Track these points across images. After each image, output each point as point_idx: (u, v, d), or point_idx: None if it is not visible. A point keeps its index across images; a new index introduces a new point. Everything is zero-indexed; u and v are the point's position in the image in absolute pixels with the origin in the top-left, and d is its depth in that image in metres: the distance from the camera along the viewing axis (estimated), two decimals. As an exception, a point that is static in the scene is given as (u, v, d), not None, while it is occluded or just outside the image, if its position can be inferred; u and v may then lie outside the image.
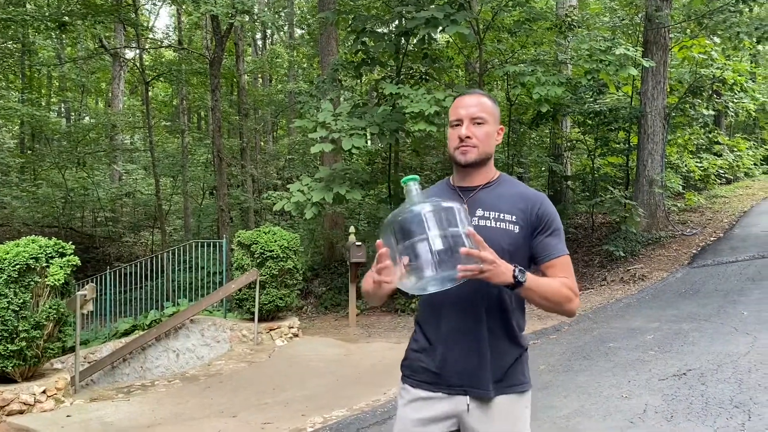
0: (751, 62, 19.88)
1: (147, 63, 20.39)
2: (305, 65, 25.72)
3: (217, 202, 15.67)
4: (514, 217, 1.83)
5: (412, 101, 9.74)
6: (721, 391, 4.54)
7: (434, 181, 17.25)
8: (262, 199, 17.06)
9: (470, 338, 1.80)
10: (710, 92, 12.85)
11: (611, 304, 8.66)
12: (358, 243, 8.99)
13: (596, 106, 13.18)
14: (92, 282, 9.85)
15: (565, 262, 1.85)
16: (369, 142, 12.03)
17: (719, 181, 18.76)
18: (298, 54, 25.93)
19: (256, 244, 8.39)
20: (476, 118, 1.86)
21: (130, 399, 6.31)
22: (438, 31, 10.77)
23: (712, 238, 12.05)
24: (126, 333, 9.70)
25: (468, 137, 1.85)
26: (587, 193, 14.68)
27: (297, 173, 19.34)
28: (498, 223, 1.82)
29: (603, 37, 11.48)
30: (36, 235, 6.39)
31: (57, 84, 28.74)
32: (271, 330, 8.45)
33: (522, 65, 11.02)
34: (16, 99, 22.38)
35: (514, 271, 1.65)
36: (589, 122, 13.54)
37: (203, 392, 6.34)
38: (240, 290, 8.55)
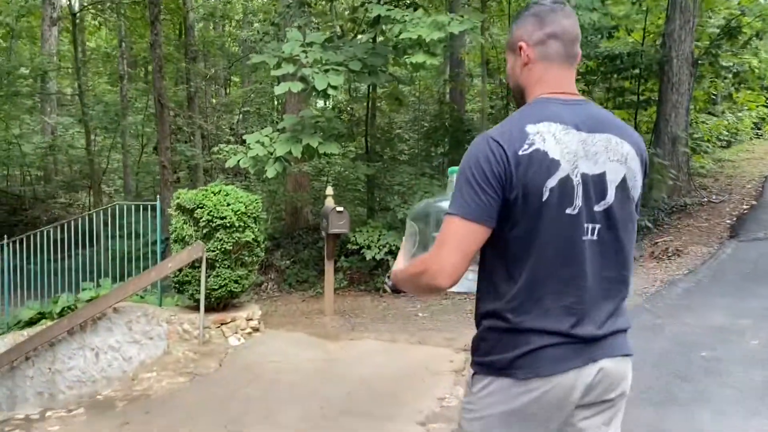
0: None
1: (77, -6, 17.42)
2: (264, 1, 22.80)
3: (159, 156, 13.22)
4: None
5: (407, 26, 7.56)
6: None
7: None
8: (211, 153, 14.63)
9: None
10: (748, 38, 11.01)
11: (664, 289, 6.80)
12: (339, 209, 6.86)
13: (609, 50, 11.20)
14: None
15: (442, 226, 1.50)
16: (348, 81, 9.76)
17: (718, 143, 17.20)
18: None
19: (201, 208, 6.17)
20: None
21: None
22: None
23: (744, 207, 10.35)
24: (31, 322, 7.40)
25: None
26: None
27: (252, 130, 16.83)
28: None
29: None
30: None
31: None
32: (222, 324, 6.30)
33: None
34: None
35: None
36: (602, 69, 11.56)
37: None
38: (180, 270, 6.36)
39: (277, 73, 8.21)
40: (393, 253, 9.19)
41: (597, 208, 1.49)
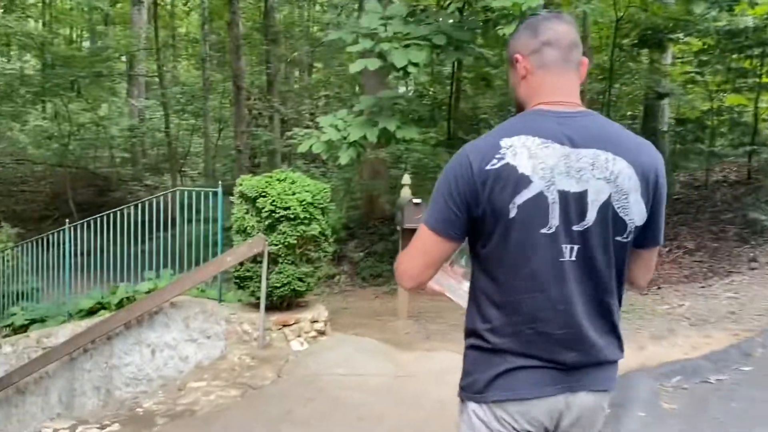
0: None
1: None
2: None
3: (234, 141, 12.85)
4: None
5: (499, -7, 6.61)
6: None
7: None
8: (285, 138, 14.14)
9: None
10: None
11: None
12: (416, 200, 6.08)
13: (732, 24, 9.76)
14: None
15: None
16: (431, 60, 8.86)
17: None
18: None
19: (264, 196, 5.54)
20: None
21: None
22: None
23: None
24: (91, 312, 7.08)
25: None
26: (700, 143, 11.40)
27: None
28: None
29: None
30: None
31: (81, 13, 25.78)
32: (284, 325, 5.66)
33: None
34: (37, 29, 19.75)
35: None
36: (719, 47, 10.11)
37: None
38: (242, 264, 5.77)
39: (354, 50, 7.48)
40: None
41: (576, 228, 1.41)
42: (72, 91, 16.24)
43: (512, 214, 1.38)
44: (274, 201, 5.47)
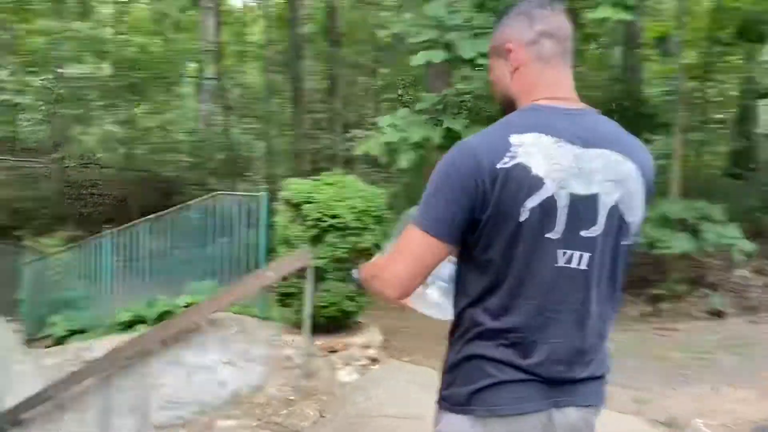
0: None
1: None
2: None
3: (294, 144, 12.33)
4: None
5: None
6: None
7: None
8: (346, 141, 13.52)
9: None
10: None
11: None
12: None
13: None
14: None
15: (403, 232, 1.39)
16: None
17: None
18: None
19: (310, 203, 4.84)
20: None
21: None
22: None
23: None
24: (130, 325, 6.58)
25: None
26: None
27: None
28: None
29: None
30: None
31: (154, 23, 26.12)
32: (331, 351, 4.94)
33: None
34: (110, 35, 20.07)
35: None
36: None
37: None
38: (285, 278, 5.09)
39: (417, 41, 6.74)
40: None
41: (585, 233, 1.33)
42: (136, 95, 16.26)
43: (522, 217, 1.29)
44: (321, 208, 4.76)
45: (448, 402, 1.40)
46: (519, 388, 1.33)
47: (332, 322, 5.11)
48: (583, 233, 1.32)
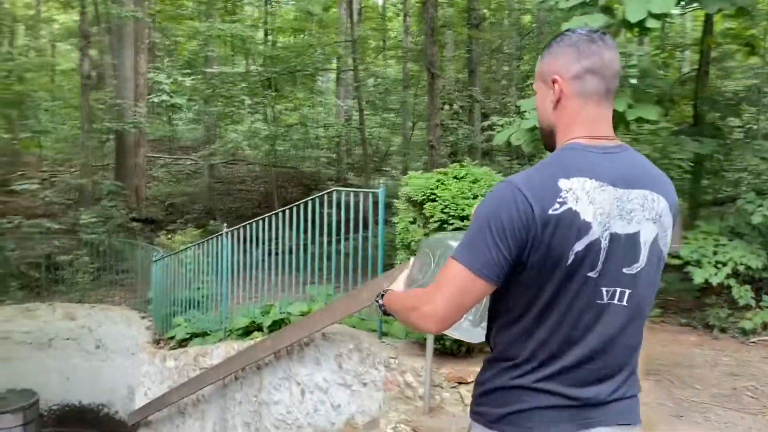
0: None
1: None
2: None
3: (427, 135, 11.53)
4: None
5: None
6: None
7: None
8: (483, 130, 12.45)
9: None
10: None
11: None
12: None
13: None
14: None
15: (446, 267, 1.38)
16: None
17: None
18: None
19: (433, 201, 3.98)
20: None
21: None
22: None
23: None
24: (247, 332, 6.12)
25: None
26: None
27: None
28: None
29: None
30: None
31: (299, 22, 26.51)
32: (459, 383, 4.05)
33: None
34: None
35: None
36: None
37: None
38: (406, 291, 4.28)
39: (569, 4, 5.63)
40: (738, 274, 6.03)
41: (627, 270, 1.35)
42: (273, 90, 16.33)
43: (569, 260, 1.30)
44: (445, 205, 3.88)
45: (482, 417, 1.41)
46: (551, 413, 1.34)
47: (460, 345, 4.22)
48: (625, 270, 1.35)
